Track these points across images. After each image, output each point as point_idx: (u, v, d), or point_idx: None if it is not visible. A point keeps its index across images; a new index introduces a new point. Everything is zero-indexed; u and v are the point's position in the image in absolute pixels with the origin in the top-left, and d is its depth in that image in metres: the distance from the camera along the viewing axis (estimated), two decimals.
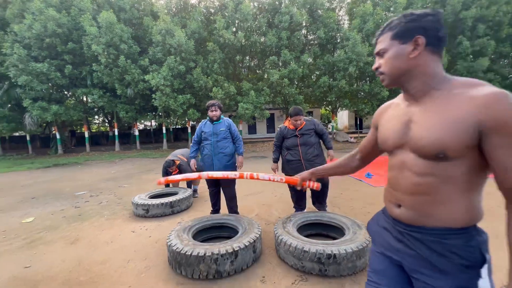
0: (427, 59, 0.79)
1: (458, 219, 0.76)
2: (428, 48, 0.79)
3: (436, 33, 0.78)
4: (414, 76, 0.81)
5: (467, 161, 0.74)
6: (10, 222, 3.80)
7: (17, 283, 2.18)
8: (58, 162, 11.52)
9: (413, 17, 0.80)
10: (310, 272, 2.09)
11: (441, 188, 0.77)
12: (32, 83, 11.50)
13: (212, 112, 3.09)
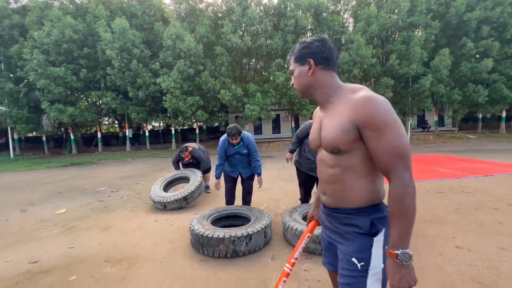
0: (320, 74, 0.98)
1: (360, 200, 0.94)
2: (319, 67, 0.98)
3: (322, 55, 0.97)
4: (315, 89, 1.01)
5: (359, 152, 0.90)
6: (45, 213, 4.26)
7: (66, 260, 2.60)
8: (74, 161, 12.12)
9: (305, 44, 1.01)
10: (314, 252, 2.44)
11: (346, 177, 0.95)
12: (50, 87, 12.14)
13: (233, 140, 3.20)
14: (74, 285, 2.14)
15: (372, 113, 0.84)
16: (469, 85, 13.15)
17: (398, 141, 0.83)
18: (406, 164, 0.83)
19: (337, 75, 1.01)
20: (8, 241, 3.15)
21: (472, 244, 2.53)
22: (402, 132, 0.84)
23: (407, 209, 0.81)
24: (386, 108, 0.85)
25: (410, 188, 0.82)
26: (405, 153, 0.83)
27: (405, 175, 0.82)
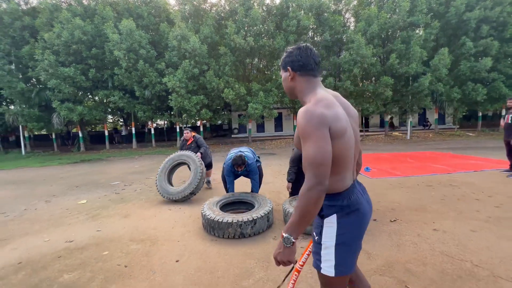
0: (298, 80, 1.13)
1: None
2: (297, 73, 1.12)
3: (298, 63, 1.10)
4: (296, 92, 1.16)
5: None
6: (68, 203, 4.70)
7: (97, 240, 3.02)
8: (84, 158, 12.60)
9: (287, 53, 1.14)
10: (309, 234, 2.83)
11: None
12: (61, 86, 12.62)
13: (238, 169, 3.62)
14: (107, 258, 2.56)
15: (298, 121, 1.02)
16: (468, 84, 13.37)
17: (311, 149, 0.95)
18: (314, 170, 0.94)
19: (316, 79, 1.12)
20: (42, 226, 3.59)
21: (448, 227, 2.90)
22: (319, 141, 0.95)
23: (301, 206, 0.95)
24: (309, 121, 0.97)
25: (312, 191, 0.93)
26: (316, 163, 0.94)
27: (311, 179, 0.94)
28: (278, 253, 1.02)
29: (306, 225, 0.99)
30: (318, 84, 1.13)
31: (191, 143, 5.16)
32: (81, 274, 2.29)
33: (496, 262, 2.17)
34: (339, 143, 1.00)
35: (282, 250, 1.01)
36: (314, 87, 1.11)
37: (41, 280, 2.22)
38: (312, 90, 1.10)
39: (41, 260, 2.58)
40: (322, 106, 1.00)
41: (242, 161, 3.52)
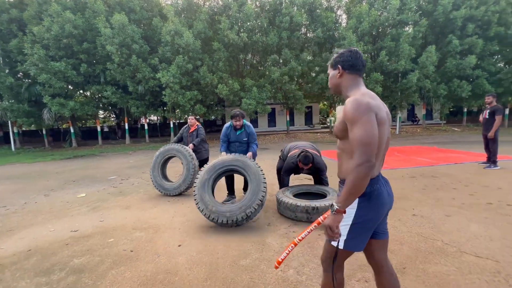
0: (346, 77, 1.28)
1: (345, 174, 1.22)
2: (346, 71, 1.27)
3: (349, 63, 1.26)
4: (341, 88, 1.31)
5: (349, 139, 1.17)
6: (67, 197, 4.81)
7: (101, 229, 3.19)
8: (77, 154, 12.54)
9: (338, 54, 1.30)
10: (300, 220, 3.08)
11: (341, 156, 1.28)
12: (51, 81, 12.43)
13: (236, 122, 3.60)
14: (113, 245, 2.74)
15: (346, 110, 1.15)
16: (454, 81, 13.86)
17: (361, 132, 1.08)
18: (365, 150, 1.06)
19: (360, 78, 1.29)
20: (45, 217, 3.72)
21: (425, 213, 3.20)
22: (369, 126, 1.08)
23: (351, 181, 1.08)
24: (358, 106, 1.11)
25: (361, 167, 1.06)
26: (365, 142, 1.07)
27: (360, 157, 1.07)
28: (325, 218, 1.19)
29: (354, 198, 1.12)
30: (361, 82, 1.29)
31: (193, 131, 4.97)
32: (90, 258, 2.48)
33: (464, 241, 2.47)
34: (380, 131, 1.13)
35: (327, 216, 1.18)
36: (358, 84, 1.27)
37: (52, 265, 2.39)
38: (357, 87, 1.26)
39: (50, 248, 2.74)
40: (368, 97, 1.17)
41: (241, 113, 3.56)
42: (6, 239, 3.02)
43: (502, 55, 15.36)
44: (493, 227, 2.71)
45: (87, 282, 2.09)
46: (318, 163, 3.49)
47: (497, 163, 5.43)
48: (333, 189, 3.46)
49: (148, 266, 2.28)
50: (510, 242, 2.39)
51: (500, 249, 2.29)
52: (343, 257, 1.31)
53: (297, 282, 1.97)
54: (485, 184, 4.28)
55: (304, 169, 3.44)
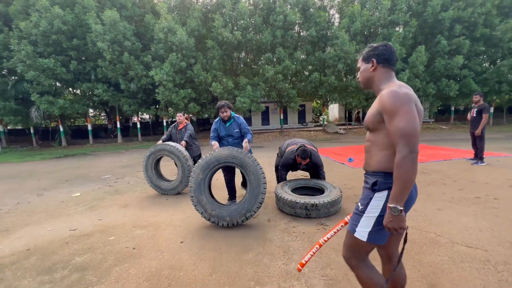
0: (379, 71, 1.28)
1: (375, 166, 1.25)
2: (380, 65, 1.28)
3: (383, 56, 1.26)
4: (374, 81, 1.30)
5: (382, 131, 1.20)
6: (62, 196, 4.74)
7: (100, 227, 3.17)
8: (67, 153, 12.27)
9: (372, 48, 1.30)
10: (299, 216, 3.16)
11: (372, 148, 1.27)
12: (40, 78, 12.08)
13: (223, 113, 3.34)
14: (115, 242, 2.75)
15: (384, 101, 1.14)
16: (443, 80, 14.27)
17: (403, 123, 1.08)
18: (408, 142, 1.07)
19: (393, 72, 1.29)
20: (40, 217, 3.67)
21: (418, 207, 3.33)
22: (410, 117, 1.09)
23: (400, 175, 1.08)
24: (398, 97, 1.12)
25: (407, 159, 1.06)
26: (408, 133, 1.07)
27: (404, 149, 1.07)
28: (389, 221, 1.12)
29: (408, 191, 1.09)
30: (394, 76, 1.29)
31: (182, 129, 4.85)
32: (92, 256, 2.48)
33: (455, 232, 2.60)
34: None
35: (392, 219, 1.10)
36: (391, 77, 1.28)
37: (54, 263, 2.38)
38: (390, 80, 1.26)
39: (49, 247, 2.72)
40: (406, 88, 1.17)
41: (226, 103, 3.35)
42: (2, 239, 2.97)
43: (487, 55, 15.89)
44: (481, 219, 2.86)
45: (91, 279, 2.10)
46: (316, 159, 3.58)
47: (484, 160, 5.67)
48: (331, 184, 3.56)
49: (152, 263, 2.30)
50: (497, 233, 2.54)
51: (488, 239, 2.43)
52: (366, 250, 1.30)
53: (299, 274, 2.04)
54: (473, 180, 4.48)
55: (302, 164, 3.51)
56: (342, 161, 6.74)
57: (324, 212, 3.10)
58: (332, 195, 3.19)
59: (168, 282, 2.01)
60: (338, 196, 3.18)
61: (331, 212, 3.14)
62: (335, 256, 2.27)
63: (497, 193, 3.70)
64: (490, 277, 1.88)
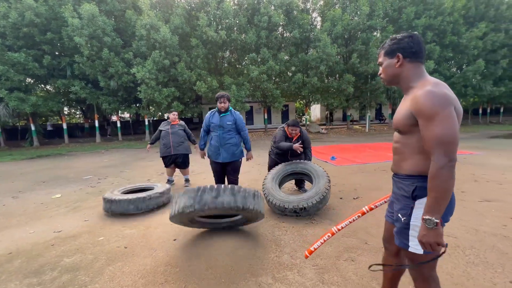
0: (407, 66, 1.13)
1: (409, 169, 1.14)
2: (407, 60, 1.13)
3: (411, 50, 1.11)
4: (401, 78, 1.16)
5: (416, 134, 1.08)
6: (40, 198, 4.51)
7: (87, 228, 3.10)
8: (41, 153, 11.56)
9: (395, 40, 1.15)
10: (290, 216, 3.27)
11: (403, 150, 1.16)
12: (9, 73, 11.27)
13: (221, 103, 3.26)
14: (104, 242, 2.71)
15: (421, 103, 1.01)
16: None
17: (440, 130, 0.96)
18: (446, 150, 0.96)
19: (423, 67, 1.16)
20: (19, 220, 3.49)
21: None
22: (449, 123, 0.97)
23: (437, 186, 0.98)
24: (435, 101, 0.98)
25: (444, 169, 0.96)
26: (446, 141, 0.96)
27: (442, 158, 0.97)
28: (423, 236, 1.02)
29: (446, 203, 1.00)
30: (425, 71, 1.15)
31: (176, 125, 4.71)
32: (82, 257, 2.43)
33: None
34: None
35: (427, 233, 1.01)
36: (423, 73, 1.13)
37: (41, 265, 2.31)
38: (422, 76, 1.12)
39: (34, 249, 2.62)
40: (444, 87, 1.03)
41: (226, 94, 3.31)
42: None
43: (455, 61, 17.17)
44: None
45: (84, 279, 2.08)
46: (305, 134, 3.81)
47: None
48: (318, 168, 3.45)
49: (146, 260, 2.32)
50: (465, 222, 2.83)
51: (458, 228, 2.71)
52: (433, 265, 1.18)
53: (292, 264, 2.16)
54: None
55: (293, 139, 3.68)
56: (325, 159, 7.01)
57: (313, 210, 3.17)
58: (320, 191, 3.23)
59: (165, 278, 2.04)
60: (326, 190, 3.19)
61: (319, 208, 3.23)
62: (323, 247, 2.42)
63: (464, 187, 4.08)
64: (459, 260, 2.12)
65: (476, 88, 16.69)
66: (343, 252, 2.34)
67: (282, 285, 1.90)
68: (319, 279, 1.96)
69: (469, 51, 15.70)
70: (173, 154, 4.61)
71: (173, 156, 4.64)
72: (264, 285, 1.92)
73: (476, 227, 2.70)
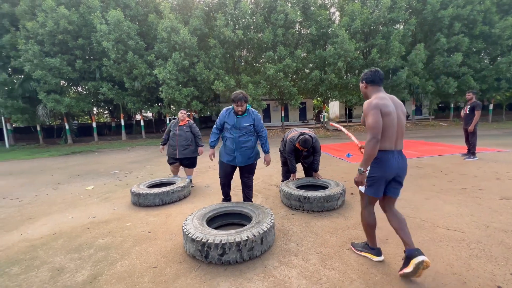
0: (369, 88, 2.00)
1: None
2: (368, 85, 1.99)
3: (369, 79, 1.97)
4: (367, 95, 2.02)
5: None
6: (76, 189, 5.05)
7: (116, 216, 3.48)
8: (74, 150, 12.62)
9: (363, 73, 2.04)
10: (294, 208, 3.39)
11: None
12: (46, 77, 12.39)
13: (238, 107, 2.91)
14: (131, 228, 3.05)
15: (363, 108, 1.91)
16: (442, 77, 14.46)
17: (369, 121, 1.82)
18: (371, 132, 1.80)
19: (379, 87, 1.97)
20: (60, 207, 3.98)
21: (407, 197, 3.61)
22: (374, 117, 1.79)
23: (366, 151, 1.81)
24: (368, 105, 1.86)
25: (370, 142, 1.79)
26: (372, 127, 1.79)
27: (369, 136, 1.80)
28: (356, 177, 1.92)
29: (369, 163, 1.84)
30: (379, 90, 1.98)
31: (184, 126, 4.50)
32: (113, 239, 2.78)
33: (438, 218, 2.88)
34: (385, 120, 1.81)
35: (358, 176, 1.90)
36: (377, 92, 1.96)
37: (80, 244, 2.69)
38: (377, 93, 1.95)
39: (73, 231, 3.03)
40: (377, 99, 1.87)
41: (244, 96, 2.93)
42: (29, 225, 3.28)
43: (486, 53, 16.03)
44: (464, 207, 3.14)
45: (115, 256, 2.40)
46: (316, 143, 3.74)
47: (476, 155, 5.92)
48: (336, 182, 3.66)
49: (167, 243, 2.60)
50: (476, 218, 2.82)
51: (467, 223, 2.71)
52: (369, 200, 2.04)
53: (297, 251, 2.33)
54: (463, 173, 4.74)
55: (303, 150, 3.67)
56: (341, 157, 7.01)
57: (317, 206, 3.22)
58: (329, 191, 3.32)
59: (183, 258, 2.31)
60: (335, 192, 3.27)
61: (325, 207, 3.23)
62: (329, 237, 2.56)
63: (483, 185, 3.97)
64: (462, 253, 2.17)
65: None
66: (347, 242, 2.46)
67: (287, 268, 2.09)
68: (322, 264, 2.12)
69: (503, 42, 14.57)
70: (178, 158, 4.49)
71: (178, 159, 4.53)
72: (270, 267, 2.11)
73: (487, 223, 2.69)
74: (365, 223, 2.10)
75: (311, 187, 3.86)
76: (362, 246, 2.22)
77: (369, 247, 2.16)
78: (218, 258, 2.15)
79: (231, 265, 2.15)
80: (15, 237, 2.95)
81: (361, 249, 2.22)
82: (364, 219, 2.09)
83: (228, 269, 2.11)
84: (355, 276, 1.95)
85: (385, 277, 1.92)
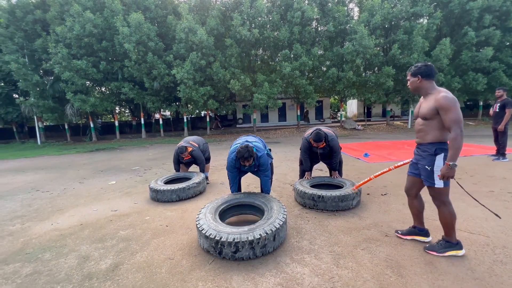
0: (424, 83, 2.07)
1: (431, 139, 2.03)
2: (424, 79, 2.06)
3: (426, 73, 2.04)
4: (420, 89, 2.11)
5: (437, 118, 1.98)
6: (100, 184, 5.35)
7: (136, 209, 3.65)
8: (98, 147, 13.31)
9: (416, 68, 2.09)
10: (308, 207, 3.38)
11: (427, 130, 2.06)
12: (74, 78, 13.16)
13: (245, 163, 2.81)
14: (150, 221, 3.20)
15: (442, 102, 1.93)
16: (469, 73, 13.61)
17: (455, 116, 1.88)
18: (459, 126, 1.87)
19: (434, 81, 2.07)
20: (86, 200, 4.24)
21: (429, 199, 3.44)
22: (458, 111, 1.88)
23: (456, 145, 1.86)
24: (450, 100, 1.89)
25: (459, 136, 1.86)
26: (460, 121, 1.87)
27: (457, 130, 1.86)
28: (447, 172, 1.91)
29: (458, 154, 1.88)
30: (434, 84, 2.10)
31: (188, 159, 4.72)
32: (133, 231, 2.93)
33: (460, 221, 2.75)
34: None
35: (450, 171, 1.91)
36: (434, 86, 2.08)
37: (104, 235, 2.86)
38: (434, 88, 2.08)
39: (97, 223, 3.23)
40: (450, 93, 1.96)
41: (249, 153, 2.73)
42: (59, 216, 3.54)
43: None
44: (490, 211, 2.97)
45: (135, 247, 2.54)
46: (333, 143, 3.50)
47: (506, 156, 5.55)
48: (351, 181, 3.60)
49: (183, 237, 2.71)
50: (503, 222, 2.66)
51: (492, 228, 2.57)
52: (448, 192, 2.11)
53: (310, 250, 2.33)
54: (491, 175, 4.47)
55: (318, 147, 3.51)
56: (358, 156, 6.85)
57: (332, 205, 3.17)
58: (344, 190, 3.25)
59: (198, 251, 2.39)
60: (350, 191, 3.19)
61: (340, 207, 3.18)
62: (343, 237, 2.54)
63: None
64: (485, 258, 2.07)
65: None
66: (362, 242, 2.43)
67: (299, 265, 2.10)
68: (335, 263, 2.11)
69: None
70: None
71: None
72: (282, 263, 2.14)
73: None
74: (453, 219, 2.09)
75: (326, 186, 3.82)
76: (444, 246, 2.14)
77: (451, 244, 2.12)
78: (232, 255, 2.20)
79: (244, 260, 2.20)
80: (47, 226, 3.20)
81: (444, 250, 2.13)
82: (451, 214, 2.08)
83: (241, 264, 2.16)
84: (368, 276, 1.93)
85: (399, 279, 1.88)
